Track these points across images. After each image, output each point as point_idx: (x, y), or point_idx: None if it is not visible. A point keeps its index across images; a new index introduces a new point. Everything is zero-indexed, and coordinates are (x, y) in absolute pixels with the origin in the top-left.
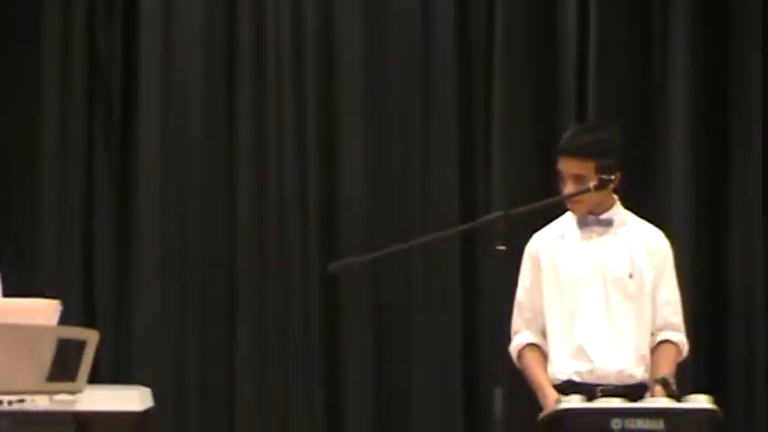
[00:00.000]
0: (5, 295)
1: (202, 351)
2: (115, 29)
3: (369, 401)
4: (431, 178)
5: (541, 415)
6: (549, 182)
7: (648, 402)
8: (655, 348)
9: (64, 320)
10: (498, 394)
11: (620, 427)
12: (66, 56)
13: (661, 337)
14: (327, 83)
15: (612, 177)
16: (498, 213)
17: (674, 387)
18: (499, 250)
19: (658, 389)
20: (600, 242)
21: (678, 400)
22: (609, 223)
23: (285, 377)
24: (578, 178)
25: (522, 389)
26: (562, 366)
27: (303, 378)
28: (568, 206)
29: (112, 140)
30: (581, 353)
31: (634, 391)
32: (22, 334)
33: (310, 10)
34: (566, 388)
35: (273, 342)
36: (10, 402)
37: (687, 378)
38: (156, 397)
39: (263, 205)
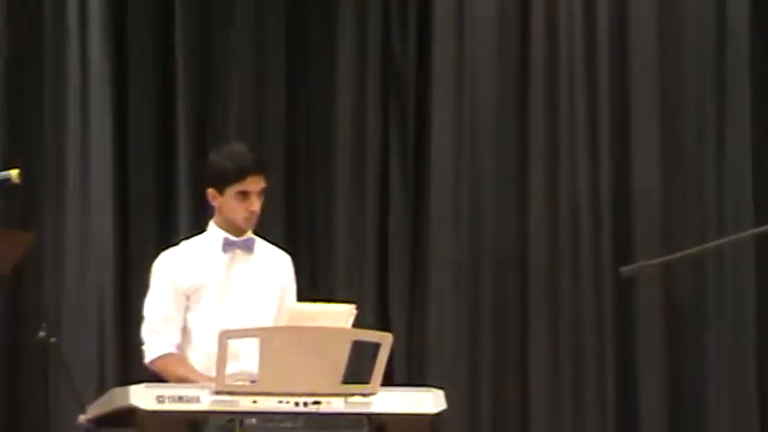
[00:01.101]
0: (299, 298)
1: (495, 353)
2: (410, 33)
3: (663, 401)
4: (726, 180)
5: None
6: None
7: None
8: None
9: (358, 323)
10: None
11: None
12: (361, 66)
13: None
14: (620, 80)
15: None
16: None
17: None
18: None
19: None
20: None
21: None
22: None
23: (577, 379)
24: None
25: None
26: None
27: (595, 379)
28: None
29: (406, 145)
30: None
31: None
32: (318, 337)
33: (603, 11)
34: None
35: (565, 344)
36: (306, 404)
37: None
38: (449, 399)
39: (554, 207)
